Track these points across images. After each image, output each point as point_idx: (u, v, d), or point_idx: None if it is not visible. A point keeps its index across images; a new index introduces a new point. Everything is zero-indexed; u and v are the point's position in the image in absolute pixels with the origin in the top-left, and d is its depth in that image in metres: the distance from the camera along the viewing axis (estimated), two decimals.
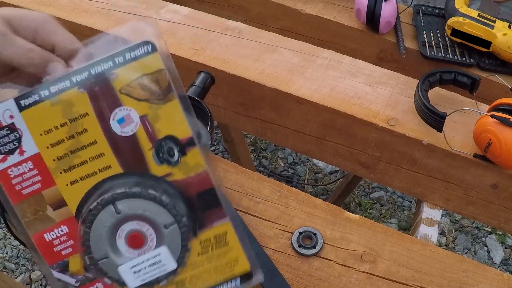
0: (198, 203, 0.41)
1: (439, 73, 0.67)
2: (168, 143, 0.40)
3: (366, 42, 0.91)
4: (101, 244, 0.40)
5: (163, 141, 0.40)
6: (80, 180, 0.40)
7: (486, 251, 1.56)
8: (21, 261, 1.55)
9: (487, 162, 0.62)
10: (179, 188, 0.40)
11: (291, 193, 0.63)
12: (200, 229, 0.42)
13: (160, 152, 0.40)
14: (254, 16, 1.01)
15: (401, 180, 0.72)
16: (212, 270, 0.42)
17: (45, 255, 0.40)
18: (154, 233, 0.40)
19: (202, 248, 0.42)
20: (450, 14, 0.84)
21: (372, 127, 0.67)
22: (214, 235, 0.42)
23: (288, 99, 0.71)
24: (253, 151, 1.82)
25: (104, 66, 0.38)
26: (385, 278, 0.55)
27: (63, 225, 0.40)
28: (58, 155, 0.39)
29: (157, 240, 0.40)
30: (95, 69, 0.38)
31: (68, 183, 0.40)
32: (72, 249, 0.40)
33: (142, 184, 0.40)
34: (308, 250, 0.57)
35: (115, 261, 0.40)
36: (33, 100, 0.38)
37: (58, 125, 0.39)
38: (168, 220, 0.40)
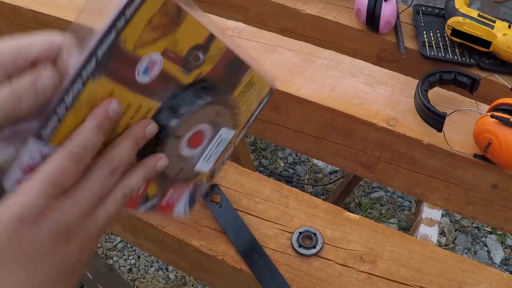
0: (226, 75, 0.43)
1: (439, 73, 0.67)
2: (191, 53, 0.38)
3: (366, 42, 0.91)
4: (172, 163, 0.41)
5: (187, 55, 0.38)
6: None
7: (486, 251, 1.56)
8: None
9: (487, 162, 0.62)
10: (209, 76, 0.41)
11: (291, 193, 0.63)
12: (235, 88, 0.44)
13: (188, 65, 0.38)
14: (254, 16, 1.01)
15: (401, 180, 0.72)
16: (251, 103, 0.48)
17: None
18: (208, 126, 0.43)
19: (240, 97, 0.45)
20: (450, 14, 0.84)
21: (372, 127, 0.67)
22: (245, 84, 0.45)
23: (288, 99, 0.71)
24: (253, 151, 1.82)
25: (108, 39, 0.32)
26: (385, 278, 0.55)
27: None
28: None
29: (214, 128, 0.44)
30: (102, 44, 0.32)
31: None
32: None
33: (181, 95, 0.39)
34: (308, 250, 0.57)
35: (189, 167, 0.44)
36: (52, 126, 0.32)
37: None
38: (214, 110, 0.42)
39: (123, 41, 0.33)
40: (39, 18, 0.86)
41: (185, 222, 0.59)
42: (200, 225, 0.59)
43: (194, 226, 0.59)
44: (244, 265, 0.56)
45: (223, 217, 0.59)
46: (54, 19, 0.84)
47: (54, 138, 0.32)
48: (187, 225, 0.59)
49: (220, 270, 0.60)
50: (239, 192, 0.63)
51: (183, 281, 1.45)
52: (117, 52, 0.33)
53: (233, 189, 0.63)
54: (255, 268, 0.55)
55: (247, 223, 0.59)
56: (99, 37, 0.32)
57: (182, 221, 0.59)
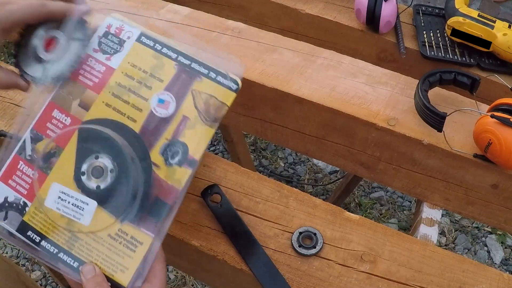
0: (149, 203, 0.45)
1: (439, 73, 0.67)
2: (180, 148, 0.45)
3: (366, 42, 0.91)
4: None
5: (179, 144, 0.45)
6: (112, 109, 0.46)
7: (486, 251, 1.56)
8: (21, 261, 1.55)
9: (487, 162, 0.62)
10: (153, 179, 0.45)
11: (291, 193, 0.63)
12: (130, 221, 0.44)
13: (168, 147, 0.45)
14: (254, 16, 1.01)
15: (401, 180, 0.72)
16: (104, 255, 0.44)
17: None
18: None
19: (115, 235, 0.44)
20: (450, 14, 0.84)
21: (372, 127, 0.67)
22: (132, 235, 0.44)
23: (288, 99, 0.71)
24: (253, 151, 1.82)
25: (201, 69, 0.47)
26: (385, 278, 0.55)
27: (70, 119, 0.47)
28: (121, 82, 0.47)
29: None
30: (194, 65, 0.47)
31: (105, 102, 0.47)
32: None
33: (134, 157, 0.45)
34: (308, 250, 0.57)
35: None
36: (146, 42, 0.48)
37: (142, 68, 0.47)
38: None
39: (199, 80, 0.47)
40: None
41: (185, 222, 0.59)
42: (200, 225, 0.59)
43: (194, 226, 0.59)
44: (244, 265, 0.56)
45: (223, 217, 0.59)
46: None
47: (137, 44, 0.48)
48: (187, 225, 0.59)
49: (220, 270, 0.61)
50: (239, 192, 0.63)
51: (183, 281, 1.45)
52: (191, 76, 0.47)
53: (233, 189, 0.63)
54: (255, 268, 0.55)
55: (247, 223, 0.59)
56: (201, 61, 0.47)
57: (182, 221, 0.59)
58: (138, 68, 0.47)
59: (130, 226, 0.44)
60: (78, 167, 0.45)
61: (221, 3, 1.04)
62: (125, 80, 0.47)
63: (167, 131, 0.46)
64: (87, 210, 0.44)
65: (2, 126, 0.69)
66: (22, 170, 0.46)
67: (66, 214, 0.44)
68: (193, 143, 0.46)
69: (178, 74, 0.47)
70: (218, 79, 0.47)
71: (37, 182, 0.45)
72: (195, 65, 0.47)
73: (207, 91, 0.47)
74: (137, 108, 0.46)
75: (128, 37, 0.49)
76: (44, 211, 0.45)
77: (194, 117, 0.46)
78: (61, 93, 0.47)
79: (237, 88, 0.47)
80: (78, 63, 0.47)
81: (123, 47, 0.48)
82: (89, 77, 0.47)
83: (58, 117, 0.47)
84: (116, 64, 0.48)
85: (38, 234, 0.45)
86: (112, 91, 0.47)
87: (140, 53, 0.48)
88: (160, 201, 0.45)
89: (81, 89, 0.47)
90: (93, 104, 0.47)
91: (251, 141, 1.85)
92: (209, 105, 0.46)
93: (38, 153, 0.46)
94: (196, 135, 0.46)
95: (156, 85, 0.47)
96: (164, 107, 0.46)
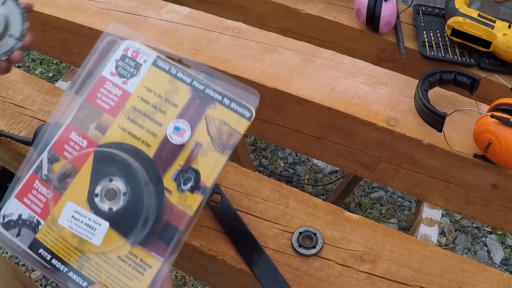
0: (159, 227, 0.45)
1: (439, 73, 0.67)
2: (192, 174, 0.46)
3: (366, 42, 0.91)
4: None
5: (191, 170, 0.46)
6: (127, 134, 0.47)
7: (486, 251, 1.56)
8: (21, 261, 1.55)
9: (487, 162, 0.62)
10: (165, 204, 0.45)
11: (291, 193, 0.63)
12: (141, 244, 0.45)
13: (181, 173, 0.46)
14: (254, 16, 1.01)
15: (401, 180, 0.72)
16: (112, 277, 0.45)
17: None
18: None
19: (125, 258, 0.45)
20: (450, 14, 0.84)
21: (372, 127, 0.67)
22: (142, 258, 0.45)
23: (288, 99, 0.71)
24: (253, 151, 1.82)
25: (215, 95, 0.47)
26: (385, 278, 0.55)
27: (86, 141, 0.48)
28: (136, 106, 0.48)
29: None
30: (209, 91, 0.47)
31: (121, 126, 0.47)
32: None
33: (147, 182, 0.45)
34: (308, 250, 0.57)
35: None
36: (161, 66, 0.48)
37: (157, 93, 0.48)
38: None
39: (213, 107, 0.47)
40: (39, 18, 0.86)
41: None
42: (200, 225, 0.59)
43: (194, 226, 0.59)
44: (244, 265, 0.56)
45: (223, 217, 0.59)
46: (54, 19, 0.84)
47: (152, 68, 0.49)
48: None
49: (220, 270, 0.60)
50: (239, 192, 0.63)
51: (183, 281, 1.45)
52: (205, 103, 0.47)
53: (233, 189, 0.63)
54: (255, 268, 0.55)
55: (247, 223, 0.59)
56: (217, 88, 0.47)
57: None
58: (154, 92, 0.48)
59: (140, 249, 0.45)
60: (92, 188, 0.45)
61: (221, 3, 1.04)
62: (141, 104, 0.48)
63: (180, 157, 0.46)
64: (99, 230, 0.44)
65: (2, 126, 0.69)
66: (37, 189, 0.47)
67: (78, 233, 0.44)
68: (206, 170, 0.46)
69: (192, 100, 0.47)
70: (232, 106, 0.47)
71: (52, 201, 0.45)
72: (210, 90, 0.47)
73: (220, 117, 0.46)
74: (152, 133, 0.47)
75: (144, 61, 0.49)
76: (57, 229, 0.45)
77: (207, 144, 0.46)
78: (79, 115, 0.48)
79: (250, 116, 0.47)
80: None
81: (139, 71, 0.48)
82: (106, 101, 0.48)
83: (75, 139, 0.47)
84: (132, 88, 0.48)
85: (49, 252, 0.46)
86: (128, 115, 0.47)
87: (156, 77, 0.48)
88: (171, 226, 0.45)
89: (98, 113, 0.48)
90: (109, 128, 0.47)
91: (251, 141, 1.85)
92: (222, 132, 0.46)
93: (54, 173, 0.47)
94: (209, 162, 0.46)
95: (171, 110, 0.47)
96: (179, 134, 0.46)
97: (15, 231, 0.47)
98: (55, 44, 0.91)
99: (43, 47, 0.94)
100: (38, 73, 2.17)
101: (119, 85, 0.48)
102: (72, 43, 0.88)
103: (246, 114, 0.46)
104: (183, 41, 0.78)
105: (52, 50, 0.93)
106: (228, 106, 0.47)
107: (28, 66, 2.22)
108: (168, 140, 0.46)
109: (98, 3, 0.86)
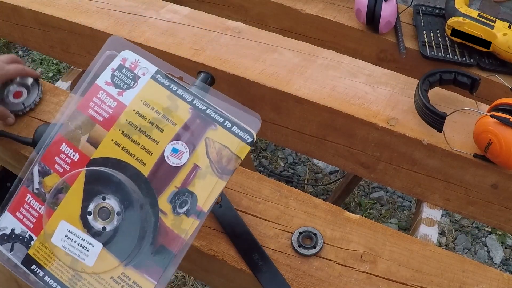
0: (154, 249, 0.44)
1: (439, 73, 0.67)
2: (189, 198, 0.44)
3: (366, 42, 0.91)
4: None
5: (188, 193, 0.44)
6: (121, 149, 0.45)
7: (486, 251, 1.56)
8: None
9: (487, 162, 0.62)
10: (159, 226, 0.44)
11: (291, 193, 0.63)
12: (134, 265, 0.44)
13: (177, 196, 0.44)
14: (254, 16, 1.01)
15: (401, 180, 0.72)
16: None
17: None
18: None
19: (118, 278, 0.44)
20: (450, 14, 0.84)
21: (372, 127, 0.67)
22: (134, 280, 0.44)
23: (288, 99, 0.71)
24: (253, 151, 1.82)
25: (217, 116, 0.45)
26: (385, 278, 0.55)
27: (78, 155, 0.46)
28: (131, 120, 0.45)
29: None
30: (210, 112, 0.45)
31: (114, 141, 0.45)
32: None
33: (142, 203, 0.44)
34: (308, 250, 0.57)
35: None
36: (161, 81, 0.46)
37: (154, 108, 0.45)
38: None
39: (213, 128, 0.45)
40: (39, 18, 0.86)
41: None
42: None
43: None
44: (244, 265, 0.56)
45: (223, 217, 0.59)
46: (54, 19, 0.84)
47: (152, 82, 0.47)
48: None
49: (220, 270, 0.60)
50: (239, 192, 0.63)
51: (183, 281, 1.45)
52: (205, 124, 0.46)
53: (233, 189, 0.63)
54: (255, 268, 0.55)
55: (247, 223, 0.59)
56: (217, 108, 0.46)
57: None
58: (151, 107, 0.45)
59: (133, 271, 0.44)
60: (85, 206, 0.44)
61: (221, 3, 1.04)
62: (137, 119, 0.45)
63: (177, 179, 0.44)
64: (92, 251, 0.43)
65: (1, 126, 0.69)
66: (29, 203, 0.46)
67: (71, 253, 0.44)
68: (203, 194, 0.44)
69: (192, 119, 0.45)
70: (233, 130, 0.45)
71: (46, 217, 0.45)
72: (211, 111, 0.45)
73: (221, 141, 0.45)
74: (147, 150, 0.45)
75: (143, 73, 0.46)
76: (49, 247, 0.45)
77: (205, 166, 0.44)
78: (70, 125, 0.46)
79: (251, 141, 0.45)
80: (34, 105, 0.67)
81: (137, 83, 0.46)
82: (99, 112, 0.46)
83: (66, 152, 0.46)
84: (128, 100, 0.46)
85: (41, 269, 0.45)
86: (122, 129, 0.45)
87: (154, 92, 0.46)
88: (165, 249, 0.44)
89: (91, 124, 0.46)
90: (102, 142, 0.45)
91: None
92: (221, 156, 0.44)
93: (46, 187, 0.46)
94: (207, 186, 0.44)
95: (169, 128, 0.45)
96: (177, 156, 0.44)
97: (8, 245, 0.46)
98: (55, 44, 0.91)
99: (43, 47, 0.94)
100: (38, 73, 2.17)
101: (114, 96, 0.46)
102: (72, 43, 0.88)
103: (248, 138, 0.45)
104: (183, 41, 0.78)
105: (52, 50, 0.93)
106: (230, 129, 0.45)
107: (28, 66, 2.22)
108: (164, 161, 0.44)
109: (98, 3, 0.86)
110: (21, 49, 2.31)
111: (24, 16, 0.88)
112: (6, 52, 2.29)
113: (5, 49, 2.30)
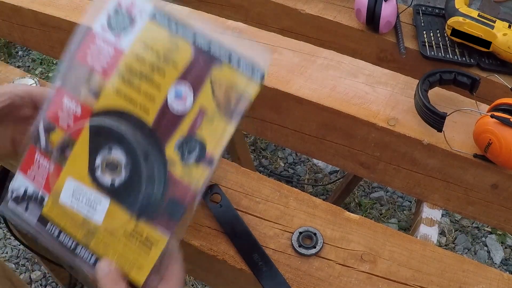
0: (164, 202, 0.42)
1: (439, 73, 0.67)
2: (197, 144, 0.41)
3: (366, 42, 0.91)
4: None
5: (195, 140, 0.41)
6: (123, 98, 0.42)
7: (486, 251, 1.56)
8: (21, 261, 1.55)
9: (487, 162, 0.62)
10: (167, 178, 0.42)
11: (291, 193, 0.63)
12: (145, 219, 0.42)
13: (184, 143, 0.41)
14: (254, 16, 1.01)
15: (401, 180, 0.72)
16: (119, 253, 0.43)
17: None
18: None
19: (131, 234, 0.42)
20: (450, 14, 0.84)
21: (372, 127, 0.67)
22: (147, 234, 0.42)
23: (288, 99, 0.71)
24: (253, 151, 1.82)
25: (222, 53, 0.40)
26: (385, 278, 0.55)
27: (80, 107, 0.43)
28: (131, 66, 0.42)
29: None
30: (214, 48, 0.41)
31: (115, 89, 0.42)
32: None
33: (148, 154, 0.42)
34: (308, 250, 0.57)
35: None
36: (160, 20, 0.43)
37: (154, 51, 0.42)
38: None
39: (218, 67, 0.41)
40: (39, 18, 0.86)
41: None
42: (200, 225, 0.59)
43: (194, 226, 0.59)
44: (244, 265, 0.56)
45: (223, 217, 0.59)
46: (54, 19, 0.84)
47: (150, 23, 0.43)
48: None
49: (220, 270, 0.61)
50: (239, 192, 0.63)
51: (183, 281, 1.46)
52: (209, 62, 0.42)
53: (233, 189, 0.63)
54: (255, 268, 0.55)
55: (247, 223, 0.59)
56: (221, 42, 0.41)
57: None
58: (151, 50, 0.42)
59: (145, 225, 0.42)
60: (92, 160, 0.42)
61: (221, 3, 1.04)
62: (136, 64, 0.42)
63: (182, 125, 0.41)
64: (100, 208, 0.42)
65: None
66: (38, 161, 0.44)
67: (79, 212, 0.43)
68: (212, 140, 0.41)
69: (195, 59, 0.41)
70: (240, 66, 0.40)
71: (54, 174, 0.43)
72: (215, 48, 0.41)
73: (227, 79, 0.40)
74: (150, 97, 0.42)
75: (140, 14, 0.43)
76: (60, 205, 0.44)
77: (212, 110, 0.41)
78: (69, 76, 0.44)
79: (261, 78, 0.40)
80: None
81: (135, 26, 0.43)
82: (97, 59, 0.43)
83: (69, 105, 0.43)
84: (127, 45, 0.43)
85: (56, 228, 0.44)
86: (122, 76, 0.42)
87: (153, 33, 0.42)
88: (176, 200, 0.42)
89: (90, 73, 0.43)
90: (103, 92, 0.43)
91: (251, 141, 1.85)
92: (229, 96, 0.40)
93: (52, 144, 0.44)
94: (215, 131, 0.41)
95: (170, 71, 0.41)
96: (181, 101, 0.41)
97: (23, 206, 0.45)
98: (55, 44, 0.91)
99: (43, 47, 0.94)
100: (38, 73, 2.17)
101: (111, 41, 0.43)
102: None
103: (257, 75, 0.40)
104: None
105: (52, 50, 0.93)
106: (236, 66, 0.41)
107: (28, 66, 2.22)
108: (168, 107, 0.42)
109: None
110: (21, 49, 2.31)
111: (24, 16, 0.88)
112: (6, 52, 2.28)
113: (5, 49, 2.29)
